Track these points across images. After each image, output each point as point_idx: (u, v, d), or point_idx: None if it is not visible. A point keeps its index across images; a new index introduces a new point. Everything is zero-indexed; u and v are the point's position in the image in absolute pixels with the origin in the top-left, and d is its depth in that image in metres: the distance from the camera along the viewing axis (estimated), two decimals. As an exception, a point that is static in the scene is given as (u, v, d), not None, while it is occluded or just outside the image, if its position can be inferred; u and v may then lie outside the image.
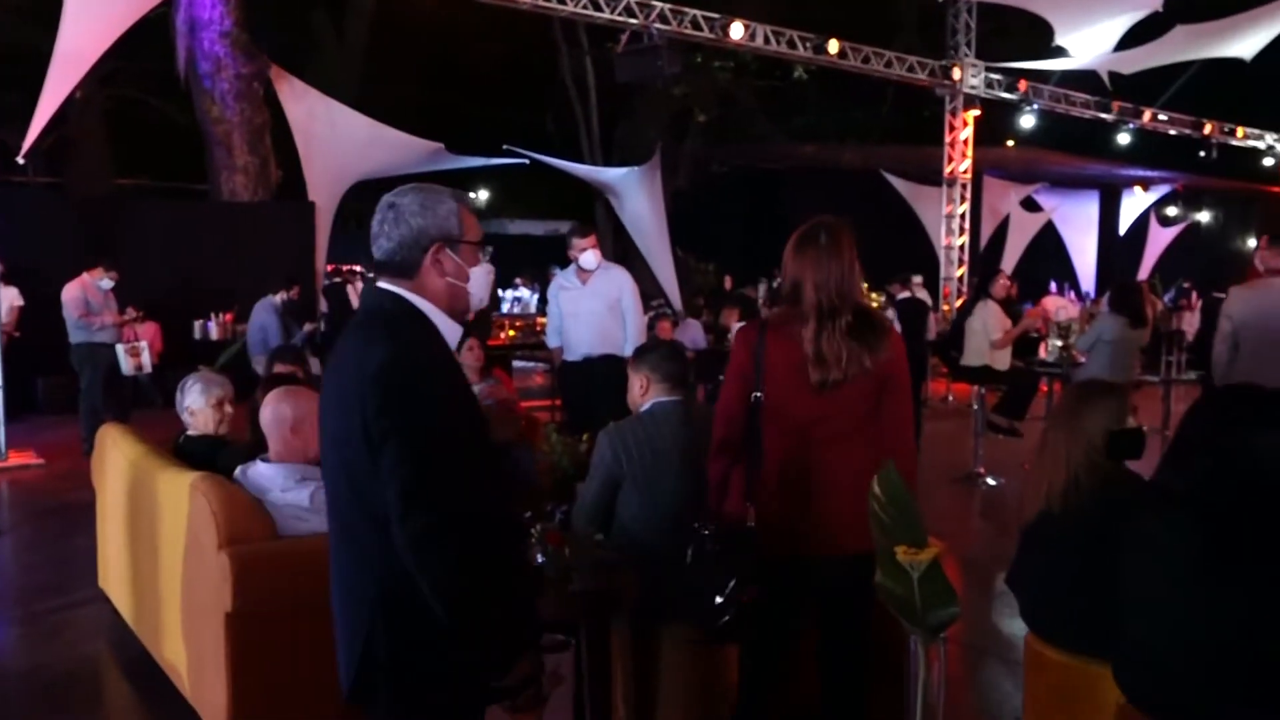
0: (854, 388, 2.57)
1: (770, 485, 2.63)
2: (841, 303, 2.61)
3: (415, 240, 1.87)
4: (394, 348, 1.78)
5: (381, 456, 1.72)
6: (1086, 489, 2.76)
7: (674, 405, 3.27)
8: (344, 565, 1.90)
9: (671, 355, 3.38)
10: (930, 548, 1.57)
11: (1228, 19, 12.46)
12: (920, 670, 1.58)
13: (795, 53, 11.54)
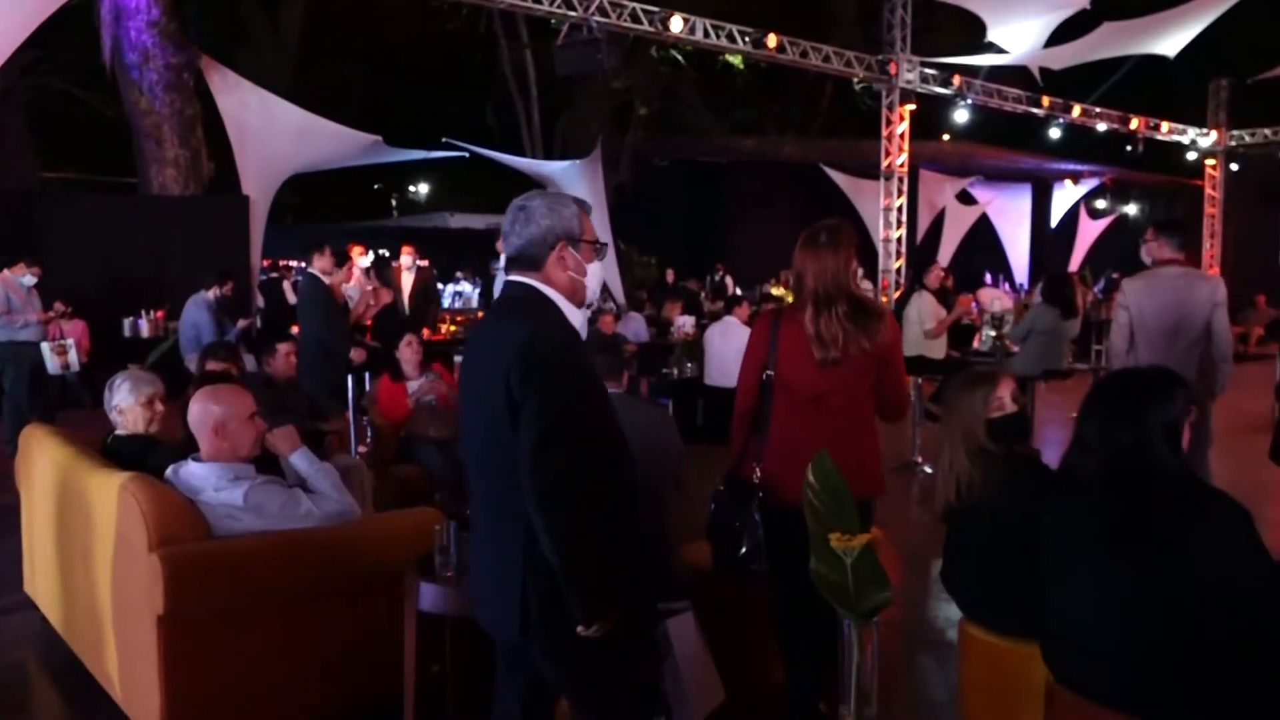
0: (853, 365, 2.98)
1: (776, 447, 3.04)
2: (836, 292, 3.01)
3: (543, 238, 2.16)
4: (536, 325, 2.07)
5: (522, 412, 1.98)
6: (991, 477, 2.83)
7: (615, 398, 3.30)
8: (491, 525, 2.19)
9: (606, 348, 3.48)
10: (862, 535, 1.59)
11: (1151, 17, 12.80)
12: (854, 654, 1.60)
13: (734, 46, 11.59)
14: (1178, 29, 13.13)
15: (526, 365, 1.99)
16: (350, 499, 3.32)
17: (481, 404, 2.12)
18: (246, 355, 6.62)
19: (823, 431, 2.93)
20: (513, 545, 2.08)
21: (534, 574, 2.06)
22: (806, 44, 12.42)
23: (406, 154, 13.54)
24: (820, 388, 3.00)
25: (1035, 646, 2.54)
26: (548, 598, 2.04)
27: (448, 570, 2.82)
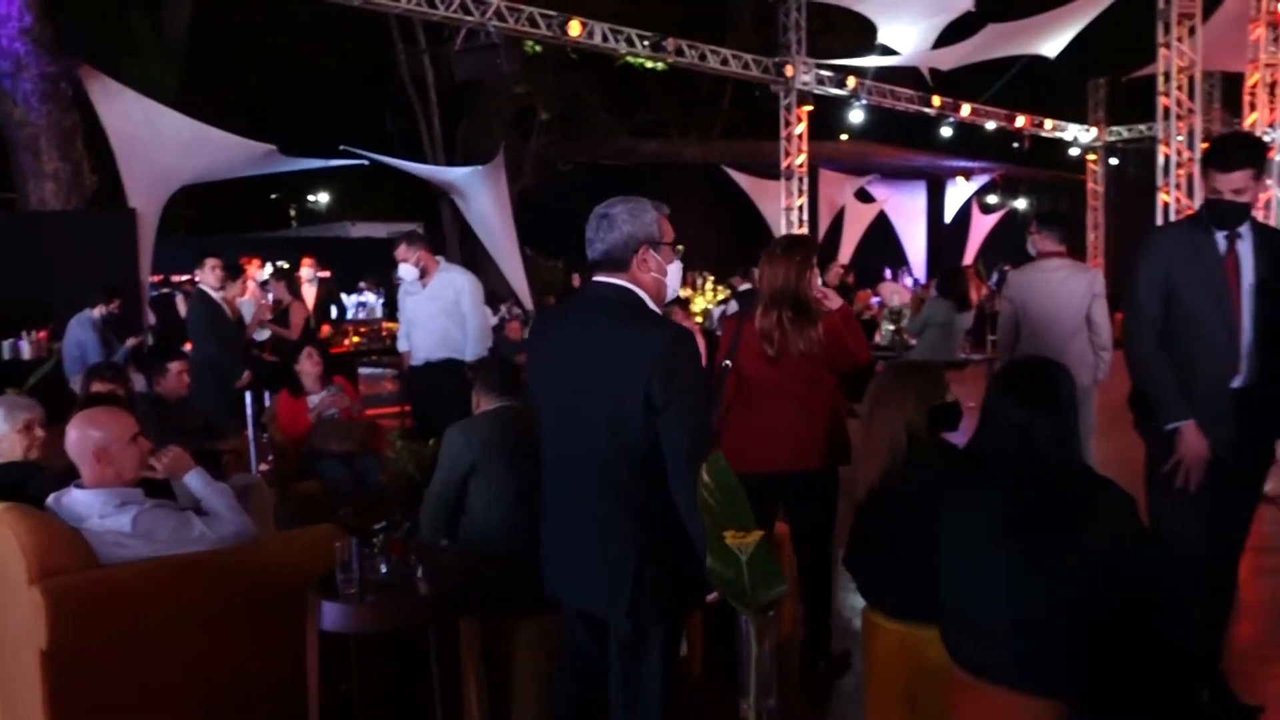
0: (794, 362, 3.48)
1: (733, 426, 3.60)
2: (784, 297, 3.49)
3: (626, 242, 2.36)
4: (672, 331, 2.31)
5: (664, 418, 2.20)
6: (910, 463, 2.91)
7: (513, 409, 3.41)
8: (601, 506, 2.33)
9: (493, 367, 3.65)
10: (756, 531, 1.61)
11: (1032, 19, 13.31)
12: (752, 648, 1.62)
13: (633, 50, 11.65)
14: (1057, 30, 13.68)
15: (667, 369, 2.22)
16: (246, 519, 3.22)
17: (601, 398, 2.29)
18: (137, 375, 6.38)
19: (778, 415, 3.53)
20: (627, 529, 2.28)
21: (650, 560, 2.25)
22: (705, 47, 12.56)
23: (303, 163, 13.19)
24: (769, 378, 3.54)
25: (935, 631, 2.61)
26: (659, 584, 2.25)
27: (350, 588, 2.76)
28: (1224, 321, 3.07)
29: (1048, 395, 2.46)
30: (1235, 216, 3.07)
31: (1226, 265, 3.08)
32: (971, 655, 2.43)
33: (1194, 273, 3.10)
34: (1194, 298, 3.09)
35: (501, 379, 3.51)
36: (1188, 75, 10.02)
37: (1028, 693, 2.27)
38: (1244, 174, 3.02)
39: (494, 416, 3.39)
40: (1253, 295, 3.06)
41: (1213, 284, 3.08)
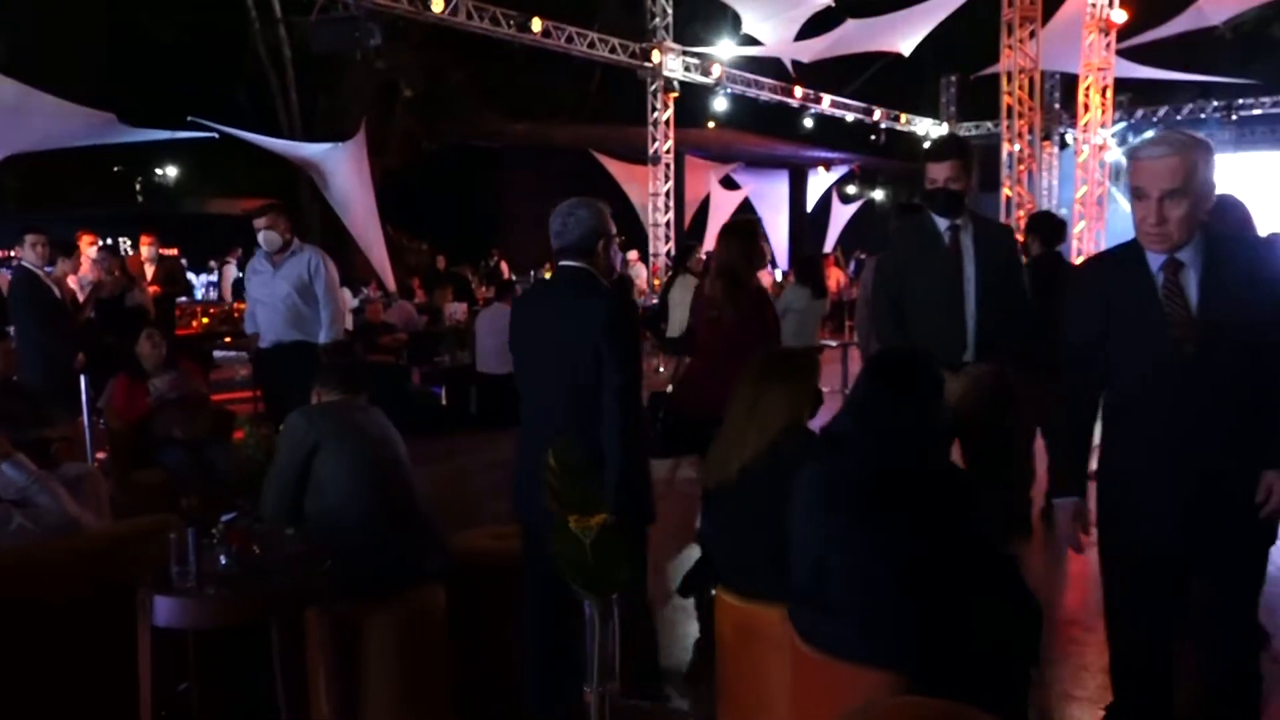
0: (727, 324, 4.04)
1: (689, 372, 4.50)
2: (725, 271, 4.13)
3: (589, 235, 3.00)
4: (614, 302, 3.00)
5: (606, 363, 2.83)
6: (780, 447, 2.96)
7: (343, 405, 3.35)
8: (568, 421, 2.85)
9: (332, 367, 3.70)
10: (600, 514, 1.62)
11: (888, 16, 13.81)
12: (595, 631, 1.63)
13: (498, 29, 11.48)
14: (911, 29, 14.23)
15: (611, 329, 2.87)
16: (74, 510, 3.03)
17: (562, 353, 2.93)
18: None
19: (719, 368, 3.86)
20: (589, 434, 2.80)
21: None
22: (572, 29, 12.49)
23: (146, 134, 12.47)
24: (714, 336, 4.15)
25: (783, 608, 2.69)
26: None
27: (186, 581, 2.63)
28: (952, 305, 3.43)
29: (910, 383, 2.56)
30: (950, 203, 3.44)
31: (951, 251, 3.44)
32: (815, 630, 2.51)
33: (926, 261, 3.48)
34: (926, 284, 3.48)
35: (337, 378, 3.43)
36: (1028, 76, 10.58)
37: (867, 665, 2.36)
38: (953, 163, 3.41)
39: (337, 404, 3.31)
40: (975, 280, 3.42)
41: (944, 271, 3.43)
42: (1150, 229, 2.36)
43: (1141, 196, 2.33)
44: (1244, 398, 2.35)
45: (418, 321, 10.50)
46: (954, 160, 3.44)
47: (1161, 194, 2.31)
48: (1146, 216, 2.34)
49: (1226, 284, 2.35)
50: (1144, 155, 2.34)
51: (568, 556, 1.64)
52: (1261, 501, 2.35)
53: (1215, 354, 2.33)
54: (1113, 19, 11.88)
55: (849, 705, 2.20)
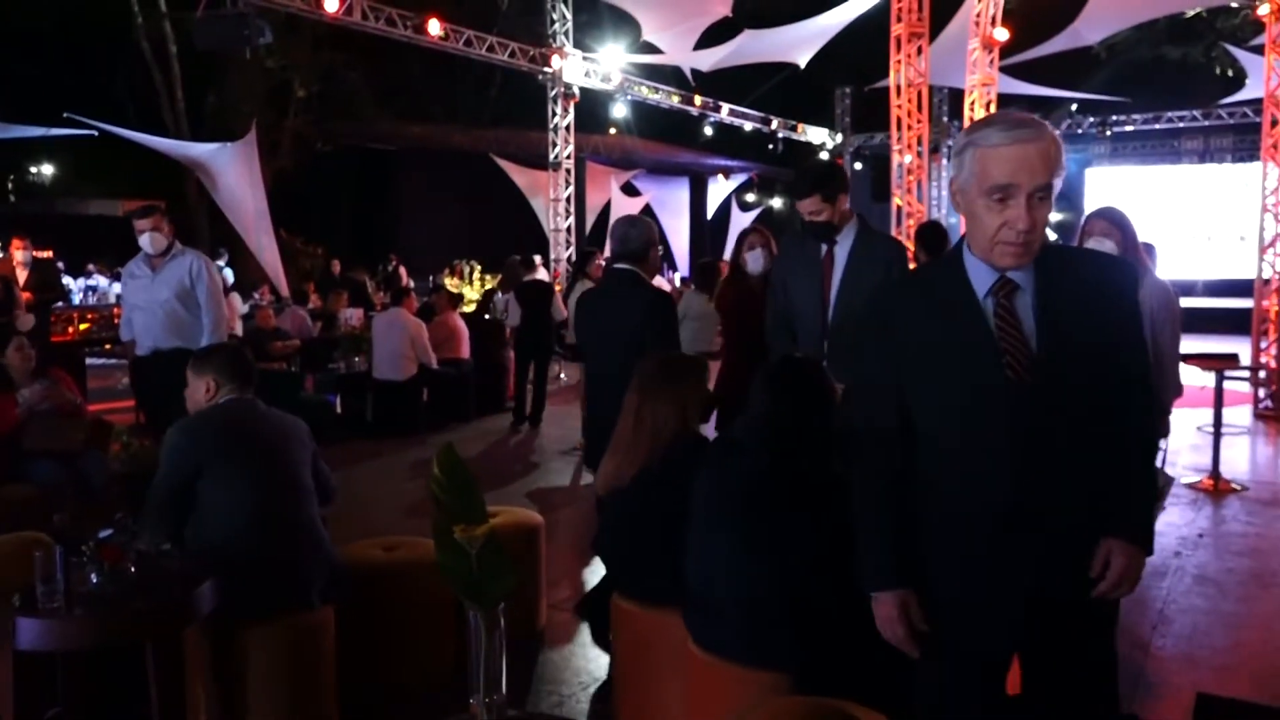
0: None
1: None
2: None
3: (647, 245, 3.88)
4: (656, 293, 3.87)
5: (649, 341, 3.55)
6: (669, 454, 2.98)
7: (245, 402, 3.19)
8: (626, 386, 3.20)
9: (237, 356, 3.35)
10: (485, 524, 1.61)
11: (783, 28, 14.07)
12: (481, 642, 1.61)
13: (394, 31, 11.28)
14: (807, 41, 14.54)
15: (653, 311, 3.72)
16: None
17: (619, 334, 3.69)
18: None
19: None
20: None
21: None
22: (470, 32, 12.36)
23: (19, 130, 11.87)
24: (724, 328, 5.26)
25: (678, 614, 2.71)
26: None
27: (53, 601, 2.50)
28: (816, 316, 3.68)
29: (806, 390, 2.61)
30: (822, 233, 3.66)
31: (823, 265, 3.69)
32: (706, 632, 2.55)
33: (800, 272, 3.76)
34: (799, 298, 3.77)
35: (241, 370, 3.24)
36: (917, 90, 10.92)
37: (754, 666, 2.40)
38: (812, 199, 3.59)
39: (222, 413, 3.14)
40: (837, 293, 3.65)
41: (812, 280, 3.70)
42: (1017, 238, 1.79)
43: (1009, 195, 1.77)
44: (1091, 447, 1.85)
45: (311, 328, 10.23)
46: (813, 196, 3.60)
47: (1034, 190, 1.77)
48: (1014, 221, 1.77)
49: (1064, 308, 1.84)
50: (1009, 139, 1.76)
51: (451, 567, 1.61)
52: (1096, 575, 1.86)
53: (1057, 395, 1.82)
54: (995, 37, 12.35)
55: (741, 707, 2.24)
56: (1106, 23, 14.88)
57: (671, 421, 2.99)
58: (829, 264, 3.69)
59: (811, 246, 3.74)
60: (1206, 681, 3.53)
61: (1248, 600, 4.45)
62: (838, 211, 3.65)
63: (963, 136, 1.85)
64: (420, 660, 3.45)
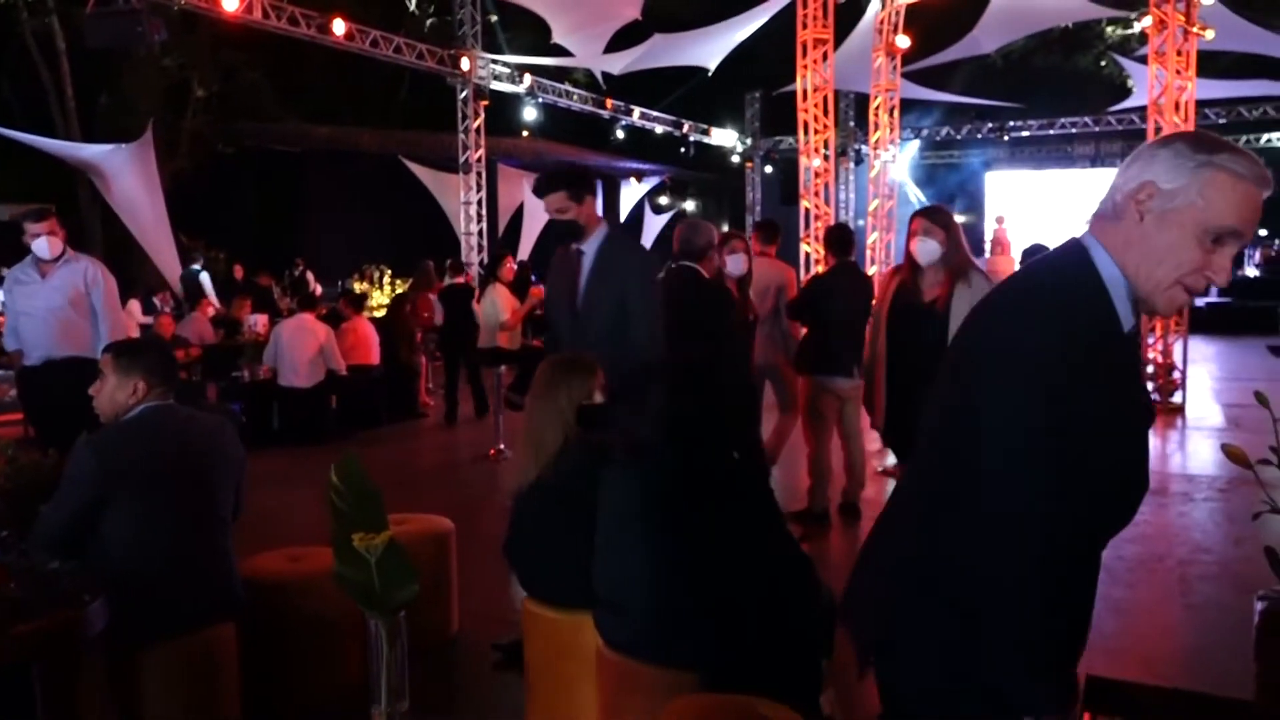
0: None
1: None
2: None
3: (709, 246, 4.46)
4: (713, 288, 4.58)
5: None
6: (566, 459, 2.99)
7: (169, 410, 3.03)
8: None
9: (167, 354, 3.19)
10: (386, 532, 1.58)
11: (692, 32, 14.22)
12: (383, 651, 1.59)
13: (296, 30, 11.02)
14: (716, 45, 14.71)
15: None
16: None
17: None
18: None
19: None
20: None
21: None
22: (376, 33, 12.16)
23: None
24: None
25: (589, 615, 2.71)
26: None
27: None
28: (566, 312, 3.68)
29: (701, 385, 2.63)
30: (567, 230, 3.63)
31: (576, 270, 3.65)
32: (615, 632, 2.55)
33: (559, 277, 3.76)
34: (554, 296, 3.80)
35: (171, 372, 3.09)
36: (823, 95, 11.13)
37: (664, 665, 2.41)
38: (558, 195, 3.56)
39: (143, 428, 2.94)
40: (584, 293, 3.63)
41: (566, 284, 3.67)
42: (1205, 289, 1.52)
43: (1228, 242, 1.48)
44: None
45: (213, 335, 9.93)
46: (558, 192, 3.57)
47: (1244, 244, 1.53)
48: (1218, 272, 1.48)
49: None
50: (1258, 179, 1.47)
51: (351, 578, 1.58)
52: None
53: None
54: (898, 44, 12.68)
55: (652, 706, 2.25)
56: (1002, 32, 15.42)
57: (550, 430, 2.98)
58: (578, 270, 3.67)
59: (574, 251, 3.69)
60: (1097, 665, 3.66)
61: (1136, 586, 4.65)
62: (584, 213, 3.61)
63: (1201, 152, 1.46)
64: (329, 673, 3.39)
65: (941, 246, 4.29)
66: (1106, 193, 1.56)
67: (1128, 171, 1.53)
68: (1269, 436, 2.74)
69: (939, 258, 4.32)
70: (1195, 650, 3.95)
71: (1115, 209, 1.52)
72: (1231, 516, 5.65)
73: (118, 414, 2.98)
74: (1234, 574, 4.68)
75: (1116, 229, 1.51)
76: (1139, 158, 1.52)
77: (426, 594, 3.64)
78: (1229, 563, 4.90)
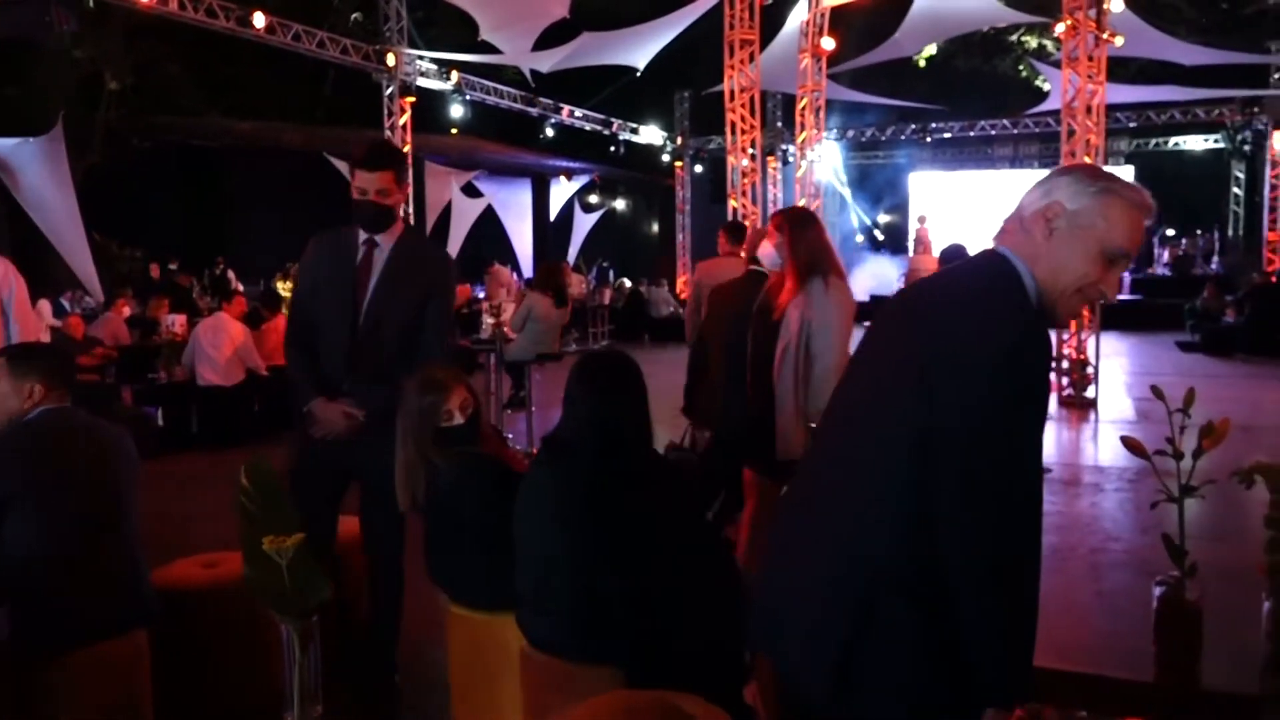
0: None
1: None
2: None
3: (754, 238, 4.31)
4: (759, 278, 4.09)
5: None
6: (447, 475, 2.90)
7: (68, 413, 2.93)
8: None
9: (63, 357, 3.09)
10: (297, 534, 1.56)
11: (621, 31, 14.23)
12: (295, 656, 1.56)
13: (215, 22, 10.75)
14: (644, 44, 14.75)
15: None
16: None
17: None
18: None
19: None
20: None
21: None
22: (299, 26, 11.92)
23: None
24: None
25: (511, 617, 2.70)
26: None
27: None
28: (345, 315, 3.19)
29: (617, 383, 2.63)
30: (379, 217, 3.17)
31: (360, 268, 3.19)
32: (538, 630, 2.55)
33: (333, 271, 3.23)
34: (327, 303, 3.23)
35: (69, 375, 2.97)
36: (749, 95, 11.24)
37: (587, 662, 2.41)
38: (384, 174, 3.12)
39: (39, 432, 2.84)
40: (370, 303, 3.19)
41: (345, 282, 3.19)
42: (1097, 302, 1.73)
43: (1120, 264, 1.67)
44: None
45: (128, 335, 9.64)
46: (386, 170, 3.15)
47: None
48: (1111, 289, 1.69)
49: None
50: (1145, 209, 1.67)
51: (261, 582, 1.56)
52: None
53: None
54: (823, 46, 12.86)
55: (576, 705, 2.24)
56: (923, 36, 15.75)
57: (404, 450, 2.91)
58: (367, 266, 3.22)
59: (350, 243, 3.22)
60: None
61: (1049, 574, 4.78)
62: (398, 201, 3.22)
63: (1101, 180, 1.66)
64: (246, 680, 3.31)
65: (779, 251, 3.89)
66: (1013, 211, 1.71)
67: (1034, 193, 1.70)
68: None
69: (780, 262, 3.89)
70: (1106, 635, 4.09)
71: (1024, 225, 1.68)
72: (1139, 505, 5.86)
73: (13, 418, 2.88)
74: (1141, 560, 4.86)
75: (1026, 243, 1.67)
76: (1044, 183, 1.70)
77: (351, 596, 3.60)
78: (1136, 550, 5.09)
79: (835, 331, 3.64)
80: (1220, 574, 3.56)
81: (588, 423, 2.62)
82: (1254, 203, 20.43)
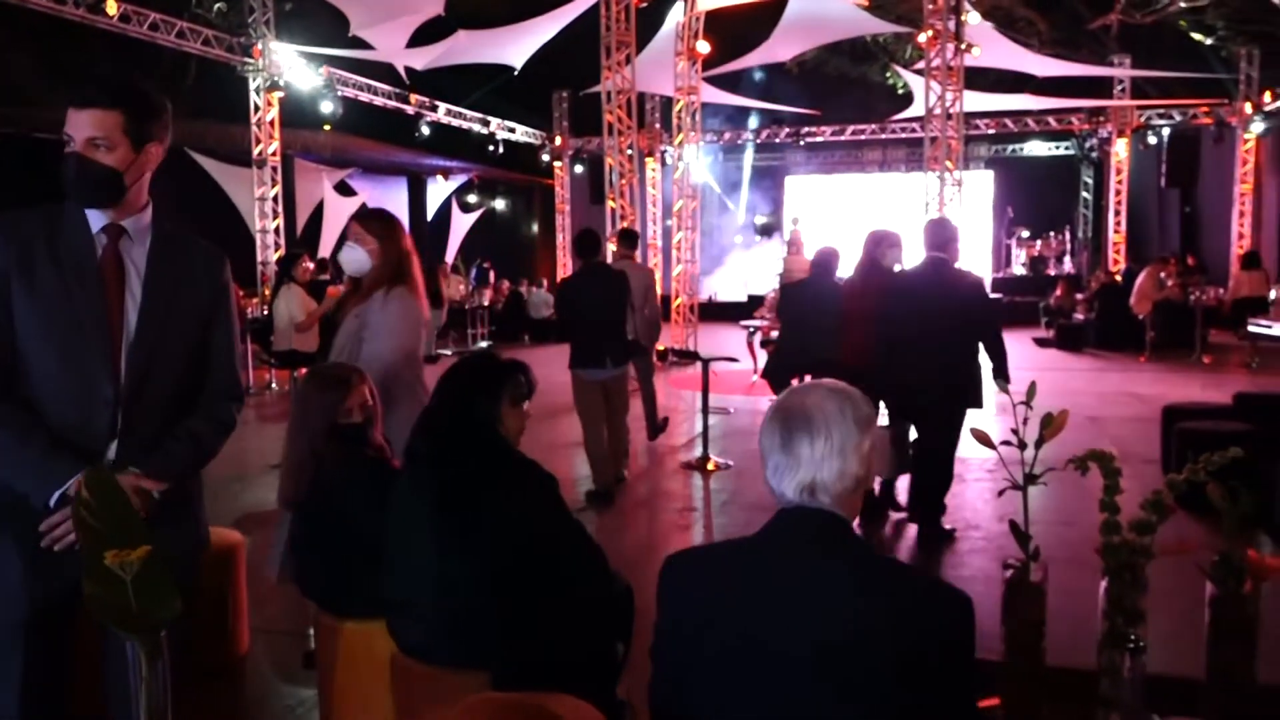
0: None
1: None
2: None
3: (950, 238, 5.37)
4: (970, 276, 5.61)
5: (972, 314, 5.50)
6: (334, 475, 2.89)
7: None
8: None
9: None
10: (142, 546, 1.49)
11: (497, 29, 14.12)
12: (142, 675, 1.50)
13: (64, 9, 10.17)
14: (521, 43, 14.67)
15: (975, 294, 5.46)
16: None
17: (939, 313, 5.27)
18: None
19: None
20: None
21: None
22: (156, 16, 11.40)
23: None
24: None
25: (381, 624, 2.65)
26: None
27: None
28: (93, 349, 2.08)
29: (477, 383, 2.62)
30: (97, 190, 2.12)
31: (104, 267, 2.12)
32: (407, 636, 2.51)
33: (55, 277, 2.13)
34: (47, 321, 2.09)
35: None
36: (626, 97, 11.32)
37: (456, 666, 2.39)
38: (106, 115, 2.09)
39: None
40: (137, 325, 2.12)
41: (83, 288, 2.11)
42: None
43: None
44: None
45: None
46: (110, 110, 2.05)
47: None
48: None
49: None
50: None
51: (104, 599, 1.49)
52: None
53: None
54: (698, 49, 13.06)
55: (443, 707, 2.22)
56: (795, 42, 16.16)
57: (297, 452, 2.90)
58: (115, 268, 2.11)
59: (76, 230, 2.12)
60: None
61: (914, 562, 5.00)
62: (138, 166, 2.11)
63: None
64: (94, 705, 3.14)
65: (372, 258, 3.55)
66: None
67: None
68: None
69: (369, 270, 3.53)
70: (964, 619, 4.29)
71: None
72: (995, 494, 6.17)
73: None
74: (997, 547, 5.12)
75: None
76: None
77: (211, 612, 3.47)
78: (994, 537, 5.35)
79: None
80: (1063, 556, 3.77)
81: (441, 423, 2.60)
82: (1100, 206, 21.76)
